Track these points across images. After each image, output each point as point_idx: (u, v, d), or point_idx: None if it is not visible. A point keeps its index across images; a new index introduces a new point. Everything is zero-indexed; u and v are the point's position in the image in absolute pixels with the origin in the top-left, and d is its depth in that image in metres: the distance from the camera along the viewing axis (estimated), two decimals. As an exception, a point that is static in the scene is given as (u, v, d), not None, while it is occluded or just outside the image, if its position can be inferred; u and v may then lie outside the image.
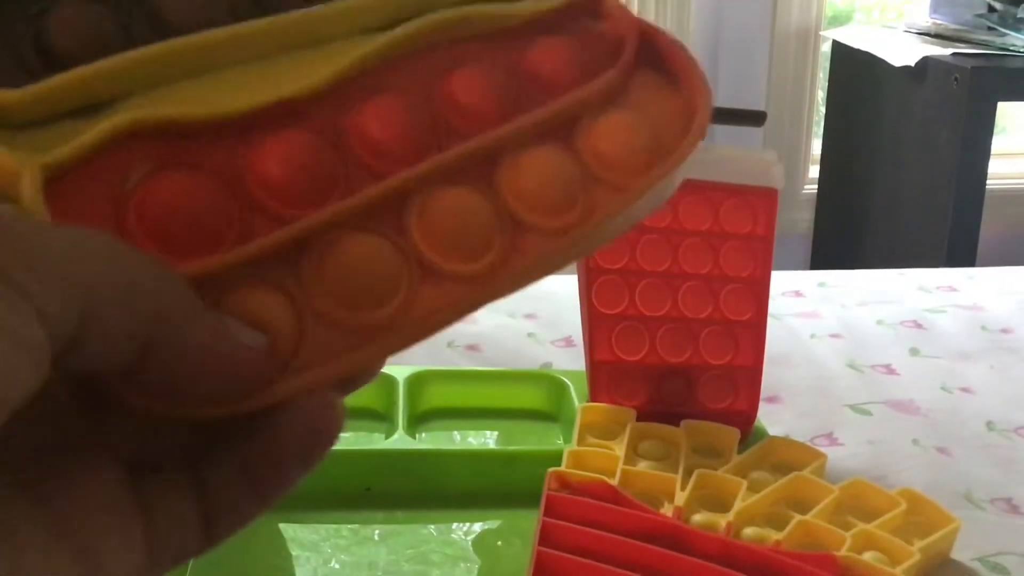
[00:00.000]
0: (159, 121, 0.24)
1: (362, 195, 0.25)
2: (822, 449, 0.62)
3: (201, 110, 0.24)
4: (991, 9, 1.93)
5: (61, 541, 0.20)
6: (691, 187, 0.66)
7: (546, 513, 0.52)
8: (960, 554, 0.57)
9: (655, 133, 0.26)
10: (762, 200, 0.66)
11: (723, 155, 0.67)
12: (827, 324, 0.90)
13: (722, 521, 0.54)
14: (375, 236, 0.24)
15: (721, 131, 1.53)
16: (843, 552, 0.51)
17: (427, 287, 0.25)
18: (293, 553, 0.56)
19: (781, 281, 0.98)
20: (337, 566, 0.54)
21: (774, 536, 0.53)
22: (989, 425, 0.73)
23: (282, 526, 0.57)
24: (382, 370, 0.77)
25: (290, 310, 0.24)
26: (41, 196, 0.22)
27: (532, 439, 0.69)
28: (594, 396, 0.66)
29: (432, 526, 0.58)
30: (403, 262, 0.24)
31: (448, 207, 0.25)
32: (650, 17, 1.92)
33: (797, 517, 0.54)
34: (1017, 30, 1.86)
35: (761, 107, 2.15)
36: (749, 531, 0.54)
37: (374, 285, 0.24)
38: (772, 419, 0.70)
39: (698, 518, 0.54)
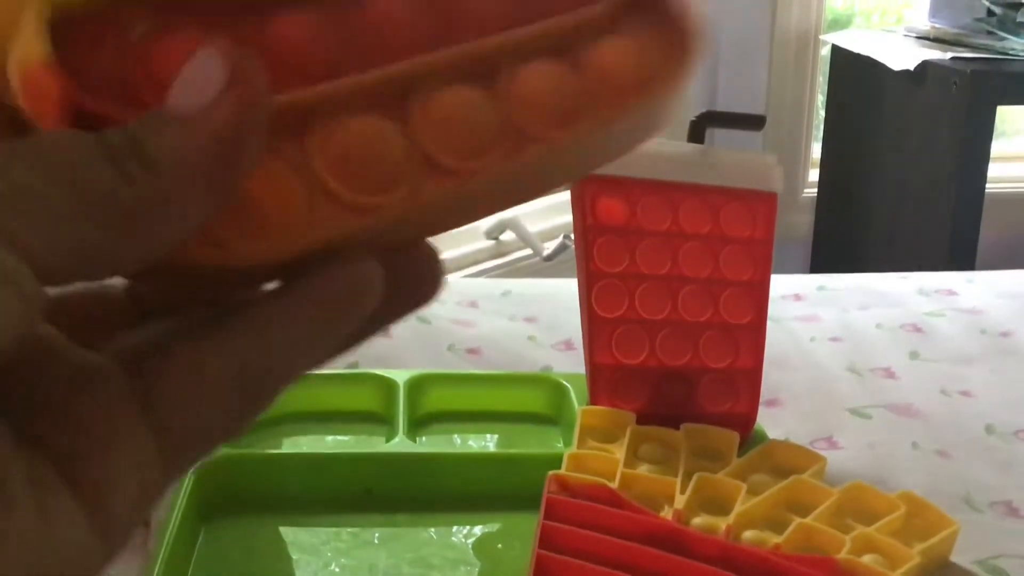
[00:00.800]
0: None
1: (371, 75, 0.24)
2: (822, 452, 0.62)
3: None
4: (990, 13, 1.94)
5: (55, 482, 0.20)
6: (691, 191, 0.66)
7: (546, 516, 0.52)
8: (960, 557, 0.57)
9: (651, 58, 0.27)
10: (762, 204, 0.67)
11: (723, 159, 0.67)
12: (827, 327, 0.91)
13: (722, 524, 0.54)
14: (381, 118, 0.24)
15: (720, 135, 1.53)
16: (843, 555, 0.51)
17: (430, 181, 0.24)
18: (293, 556, 0.56)
19: (781, 284, 0.99)
20: (337, 569, 0.54)
21: (774, 539, 0.53)
22: (989, 428, 0.73)
23: (283, 529, 0.58)
24: (382, 373, 0.76)
25: (297, 181, 0.23)
26: (44, 38, 0.21)
27: (532, 442, 0.69)
28: (594, 399, 0.66)
29: (432, 529, 0.58)
30: (407, 150, 0.24)
31: (452, 101, 0.25)
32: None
33: (797, 520, 0.54)
34: (1016, 34, 1.86)
35: (761, 111, 2.15)
36: (749, 534, 0.54)
37: (378, 168, 0.24)
38: (772, 422, 0.71)
39: (698, 521, 0.54)
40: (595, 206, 0.65)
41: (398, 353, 0.80)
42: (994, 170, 1.85)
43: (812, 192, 2.29)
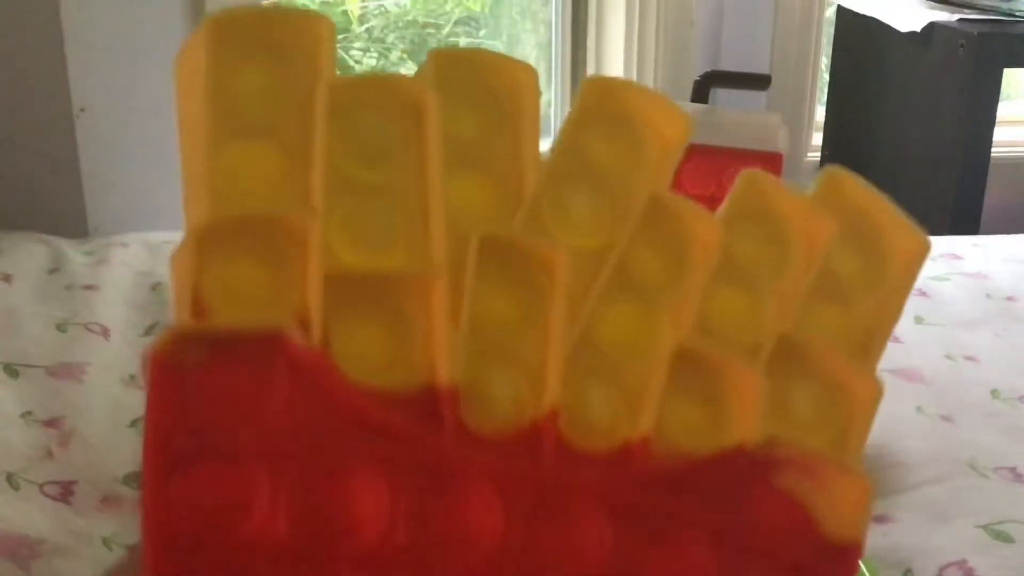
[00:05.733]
0: None
1: None
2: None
3: None
4: (998, -26, 1.91)
5: None
6: (693, 152, 0.65)
7: None
8: (964, 521, 0.56)
9: None
10: (766, 165, 0.65)
11: (727, 119, 0.65)
12: (830, 291, 0.90)
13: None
14: None
15: (723, 96, 1.51)
16: None
17: None
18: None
19: (784, 248, 0.97)
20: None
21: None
22: (994, 393, 0.72)
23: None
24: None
25: None
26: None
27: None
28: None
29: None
30: None
31: None
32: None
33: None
34: (1024, -5, 1.84)
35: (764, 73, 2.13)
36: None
37: None
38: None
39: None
40: (596, 167, 0.64)
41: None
42: (1000, 134, 1.83)
43: (815, 156, 2.27)
